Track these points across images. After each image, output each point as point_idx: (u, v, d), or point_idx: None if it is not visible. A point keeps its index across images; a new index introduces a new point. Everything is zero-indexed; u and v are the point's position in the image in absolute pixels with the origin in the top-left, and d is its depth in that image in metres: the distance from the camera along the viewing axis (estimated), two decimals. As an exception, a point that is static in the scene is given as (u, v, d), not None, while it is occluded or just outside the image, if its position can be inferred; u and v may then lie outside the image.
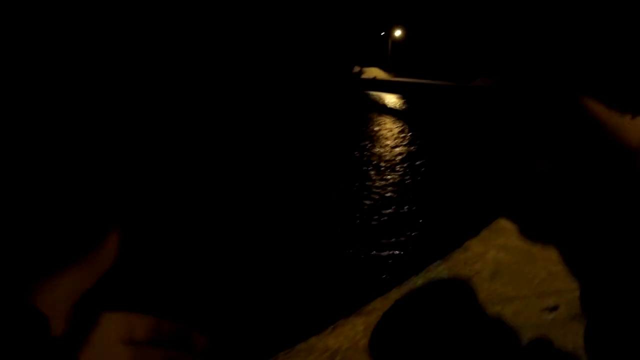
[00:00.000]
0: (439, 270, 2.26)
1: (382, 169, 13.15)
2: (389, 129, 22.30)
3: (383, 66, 52.58)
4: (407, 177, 12.34)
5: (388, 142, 17.90)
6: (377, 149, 16.18)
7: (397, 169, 13.31)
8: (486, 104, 36.39)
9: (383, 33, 62.72)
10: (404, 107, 34.05)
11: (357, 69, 49.94)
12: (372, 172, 12.55)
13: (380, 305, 2.00)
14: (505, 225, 2.71)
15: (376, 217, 8.30)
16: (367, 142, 17.53)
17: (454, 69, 48.08)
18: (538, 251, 2.36)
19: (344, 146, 16.28)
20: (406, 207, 9.00)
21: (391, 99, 38.78)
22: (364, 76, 48.02)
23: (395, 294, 2.05)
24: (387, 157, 14.55)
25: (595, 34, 0.53)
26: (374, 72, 49.32)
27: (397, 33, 61.59)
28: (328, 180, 10.91)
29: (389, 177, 12.16)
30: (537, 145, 0.41)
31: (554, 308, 1.99)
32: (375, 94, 41.62)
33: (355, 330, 1.84)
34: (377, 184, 11.26)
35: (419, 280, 2.15)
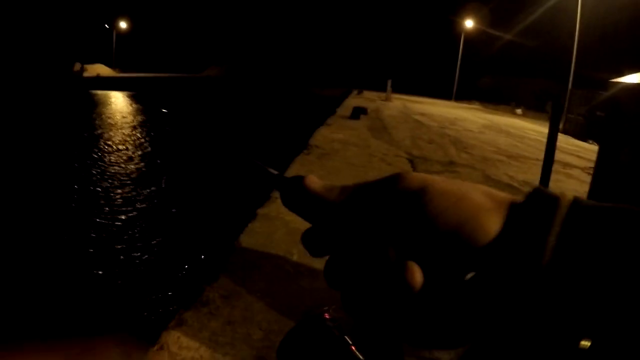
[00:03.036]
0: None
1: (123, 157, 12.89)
2: (120, 126, 19.79)
3: (108, 62, 47.37)
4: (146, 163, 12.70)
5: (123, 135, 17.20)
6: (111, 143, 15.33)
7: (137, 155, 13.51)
8: (215, 90, 35.96)
9: (107, 26, 56.84)
10: (133, 103, 30.78)
11: (78, 66, 44.01)
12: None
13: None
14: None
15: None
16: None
17: (183, 61, 46.00)
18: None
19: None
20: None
21: (119, 97, 34.84)
22: (86, 74, 42.46)
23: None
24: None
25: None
26: (98, 69, 44.31)
27: (122, 25, 56.50)
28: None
29: (130, 166, 12.14)
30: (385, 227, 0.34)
31: None
32: (101, 92, 37.02)
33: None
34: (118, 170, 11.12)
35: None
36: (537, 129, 18.76)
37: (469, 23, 41.63)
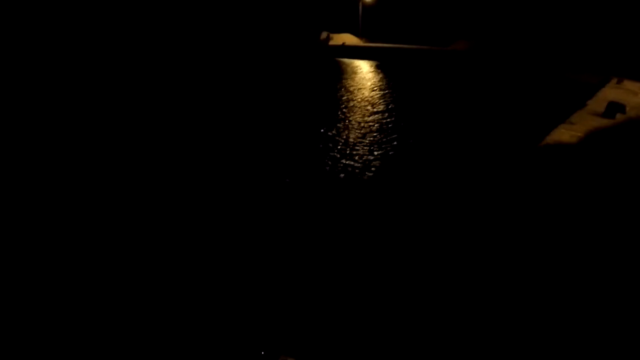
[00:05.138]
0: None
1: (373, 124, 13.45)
2: (369, 96, 20.00)
3: (354, 32, 48.50)
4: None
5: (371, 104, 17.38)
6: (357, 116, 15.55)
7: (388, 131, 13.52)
8: (459, 66, 34.00)
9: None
10: (379, 73, 30.76)
11: (324, 35, 45.73)
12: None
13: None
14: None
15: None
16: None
17: (430, 33, 44.70)
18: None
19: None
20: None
21: (364, 66, 35.18)
22: (332, 42, 43.98)
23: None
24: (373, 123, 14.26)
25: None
26: (344, 38, 45.28)
27: (368, -3, 57.34)
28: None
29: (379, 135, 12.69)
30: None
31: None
32: (347, 61, 37.81)
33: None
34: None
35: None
36: None
37: None
